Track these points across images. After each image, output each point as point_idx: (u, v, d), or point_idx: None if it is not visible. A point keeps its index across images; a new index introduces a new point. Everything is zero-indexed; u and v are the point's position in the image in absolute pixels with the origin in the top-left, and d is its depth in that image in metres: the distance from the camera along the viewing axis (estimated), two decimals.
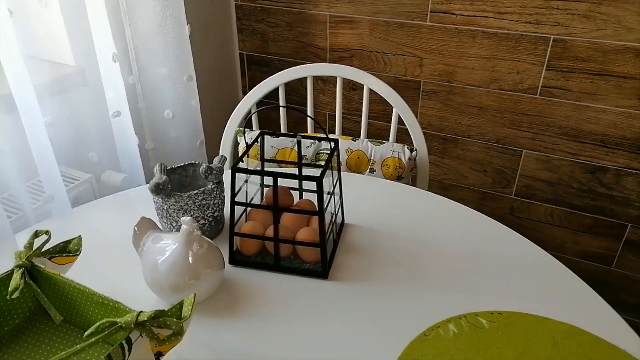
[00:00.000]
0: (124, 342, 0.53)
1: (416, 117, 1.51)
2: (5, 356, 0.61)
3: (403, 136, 1.13)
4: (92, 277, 0.74)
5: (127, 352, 0.54)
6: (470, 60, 1.39)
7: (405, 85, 1.51)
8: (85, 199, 1.06)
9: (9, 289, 0.59)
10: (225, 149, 1.18)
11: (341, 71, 1.15)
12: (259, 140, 0.81)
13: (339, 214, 0.86)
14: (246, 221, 0.79)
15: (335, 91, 1.60)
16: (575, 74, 1.28)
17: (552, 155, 1.41)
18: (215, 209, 0.79)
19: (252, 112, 1.08)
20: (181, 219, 0.66)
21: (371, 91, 1.17)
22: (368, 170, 1.11)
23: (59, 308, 0.64)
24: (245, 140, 1.11)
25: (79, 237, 0.70)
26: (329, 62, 1.58)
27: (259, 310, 0.68)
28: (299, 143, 0.81)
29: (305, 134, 0.81)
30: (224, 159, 0.81)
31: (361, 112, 1.59)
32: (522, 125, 1.41)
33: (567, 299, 0.70)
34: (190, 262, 0.66)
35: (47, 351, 0.62)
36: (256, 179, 0.85)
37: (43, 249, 0.66)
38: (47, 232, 0.67)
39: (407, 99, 1.52)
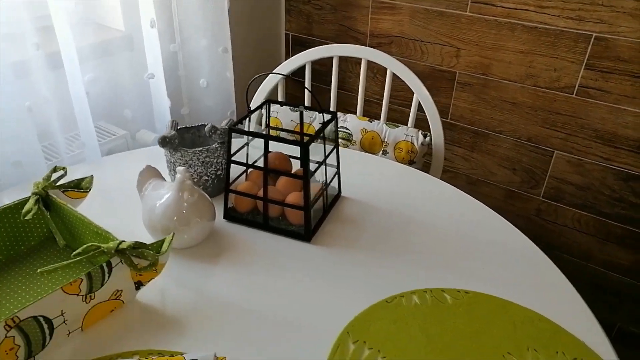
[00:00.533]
0: (104, 265, 0.60)
1: (449, 108, 1.51)
2: (17, 269, 0.71)
3: (425, 124, 1.14)
4: (105, 214, 0.83)
5: (107, 274, 0.61)
6: (508, 54, 1.36)
7: (440, 75, 1.50)
8: (119, 152, 1.16)
9: (23, 210, 0.69)
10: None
11: (366, 53, 1.18)
12: (264, 108, 0.86)
13: (334, 185, 0.90)
14: (245, 181, 0.84)
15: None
16: (615, 75, 1.23)
17: (584, 159, 1.36)
18: (218, 167, 0.86)
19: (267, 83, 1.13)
20: (177, 168, 0.73)
21: (399, 78, 1.18)
22: (381, 152, 1.13)
23: (63, 234, 0.73)
24: (248, 105, 1.17)
25: (91, 177, 0.78)
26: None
27: (242, 261, 0.74)
28: (301, 113, 0.85)
29: (308, 106, 0.85)
30: (231, 121, 0.87)
31: (395, 99, 1.60)
32: (555, 124, 1.37)
33: (543, 289, 0.70)
34: (181, 208, 0.72)
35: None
36: (260, 143, 0.90)
37: (58, 183, 0.75)
38: (64, 169, 0.76)
39: (441, 89, 1.52)
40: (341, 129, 1.16)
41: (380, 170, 0.97)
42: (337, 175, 0.89)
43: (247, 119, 0.83)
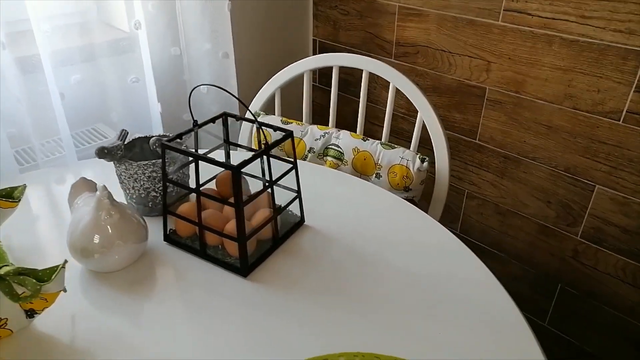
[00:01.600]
0: None
1: (477, 128, 1.35)
2: None
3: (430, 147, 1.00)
4: (38, 229, 0.78)
5: None
6: (544, 70, 1.18)
7: (468, 90, 1.34)
8: None
9: None
10: (244, 129, 1.17)
11: (367, 64, 1.06)
12: (228, 121, 0.77)
13: (297, 211, 0.80)
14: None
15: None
16: None
17: (631, 198, 1.14)
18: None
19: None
20: (97, 185, 0.67)
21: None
22: (374, 174, 1.01)
23: None
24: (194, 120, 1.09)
25: (24, 186, 0.74)
26: (394, 58, 1.48)
27: (169, 293, 0.66)
28: (258, 130, 0.76)
29: (267, 124, 0.76)
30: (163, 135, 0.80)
31: (408, 115, 1.46)
32: (597, 154, 1.16)
33: None
34: (100, 229, 0.66)
35: None
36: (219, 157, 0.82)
37: None
38: None
39: (469, 107, 1.36)
40: (332, 147, 1.05)
41: (364, 197, 0.85)
42: (298, 200, 0.78)
43: (195, 133, 0.75)
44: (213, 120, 0.78)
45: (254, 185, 0.83)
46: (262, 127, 0.77)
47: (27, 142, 1.05)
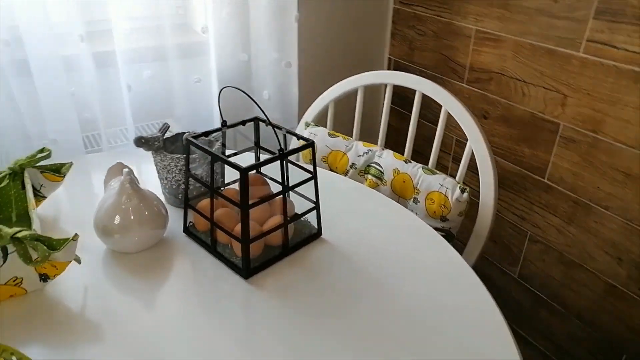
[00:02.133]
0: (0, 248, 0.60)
1: (547, 166, 1.24)
2: None
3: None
4: (79, 205, 0.85)
5: (1, 259, 0.60)
6: (626, 110, 1.05)
7: (541, 124, 1.24)
8: None
9: None
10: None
11: (420, 85, 1.02)
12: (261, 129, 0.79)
13: (314, 222, 0.78)
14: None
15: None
16: None
17: None
18: (199, 176, 0.81)
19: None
20: (123, 170, 0.70)
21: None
22: (412, 199, 0.96)
23: (17, 211, 0.75)
24: (223, 120, 1.09)
25: (70, 163, 0.80)
26: (466, 82, 1.41)
27: (176, 283, 0.68)
28: (276, 134, 0.76)
29: (291, 131, 0.75)
30: (166, 126, 0.82)
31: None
32: None
33: None
34: (120, 212, 0.69)
35: None
36: (249, 159, 0.83)
37: (40, 163, 0.79)
38: (49, 151, 0.79)
39: (541, 142, 1.25)
40: (374, 165, 1.02)
41: (392, 220, 0.81)
42: (316, 212, 0.77)
43: (223, 133, 0.77)
44: (243, 122, 0.79)
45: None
46: (287, 133, 0.77)
47: (96, 129, 1.15)
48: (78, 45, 1.04)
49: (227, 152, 0.87)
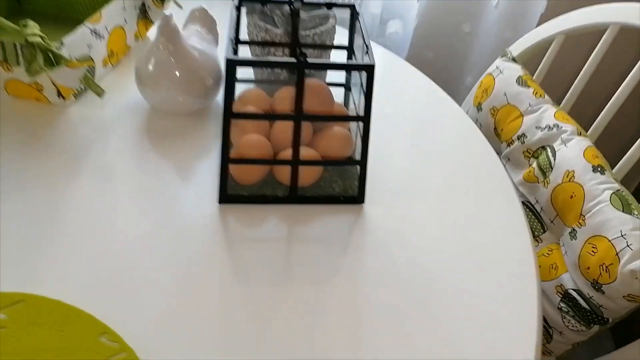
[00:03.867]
0: (18, 45, 0.57)
1: None
2: None
3: None
4: None
5: (20, 56, 0.57)
6: None
7: None
8: None
9: None
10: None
11: None
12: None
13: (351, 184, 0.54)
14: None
15: None
16: None
17: None
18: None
19: None
20: (164, 15, 0.57)
21: None
22: (570, 229, 0.58)
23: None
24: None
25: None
26: None
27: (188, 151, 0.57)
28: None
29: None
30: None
31: None
32: None
33: None
34: (153, 59, 0.58)
35: None
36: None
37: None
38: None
39: None
40: (549, 151, 0.64)
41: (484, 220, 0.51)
42: (360, 170, 0.52)
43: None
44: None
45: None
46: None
47: None
48: None
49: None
